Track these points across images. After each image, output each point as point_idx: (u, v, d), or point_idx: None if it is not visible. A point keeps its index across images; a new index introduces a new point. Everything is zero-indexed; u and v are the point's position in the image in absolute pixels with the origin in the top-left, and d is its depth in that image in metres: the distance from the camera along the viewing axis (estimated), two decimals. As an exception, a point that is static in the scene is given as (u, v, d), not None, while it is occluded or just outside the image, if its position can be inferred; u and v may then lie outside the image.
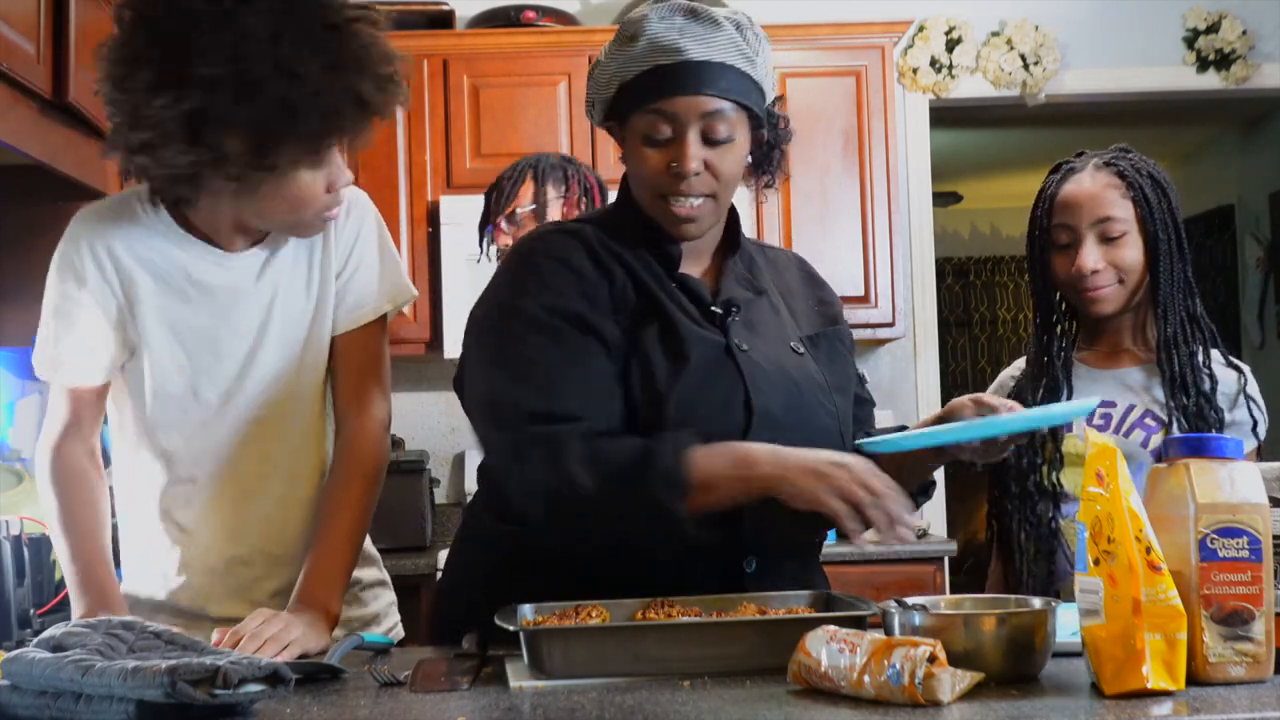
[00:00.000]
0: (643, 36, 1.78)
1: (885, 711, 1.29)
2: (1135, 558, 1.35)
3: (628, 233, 1.85)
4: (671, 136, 1.78)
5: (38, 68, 2.65)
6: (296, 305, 1.99)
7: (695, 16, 1.79)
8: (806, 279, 2.01)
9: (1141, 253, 2.10)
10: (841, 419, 1.86)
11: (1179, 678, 1.35)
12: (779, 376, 1.80)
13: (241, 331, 1.97)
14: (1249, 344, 6.41)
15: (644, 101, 1.78)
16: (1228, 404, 2.09)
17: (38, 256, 2.90)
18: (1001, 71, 4.72)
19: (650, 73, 1.78)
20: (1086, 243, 2.09)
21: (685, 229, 1.82)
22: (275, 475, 1.99)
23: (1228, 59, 4.77)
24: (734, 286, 1.86)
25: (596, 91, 1.85)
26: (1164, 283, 2.10)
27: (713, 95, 1.77)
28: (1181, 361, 2.08)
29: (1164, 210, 2.10)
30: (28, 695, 1.39)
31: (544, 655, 1.50)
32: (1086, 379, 2.14)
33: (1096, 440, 1.43)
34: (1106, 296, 2.10)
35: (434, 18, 4.42)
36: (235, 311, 1.97)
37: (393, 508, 4.03)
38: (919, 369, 4.77)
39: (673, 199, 1.79)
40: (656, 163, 1.79)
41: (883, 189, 4.38)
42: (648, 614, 1.62)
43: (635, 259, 1.83)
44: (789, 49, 4.37)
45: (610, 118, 1.86)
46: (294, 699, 1.43)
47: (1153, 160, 2.16)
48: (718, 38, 1.79)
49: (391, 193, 4.26)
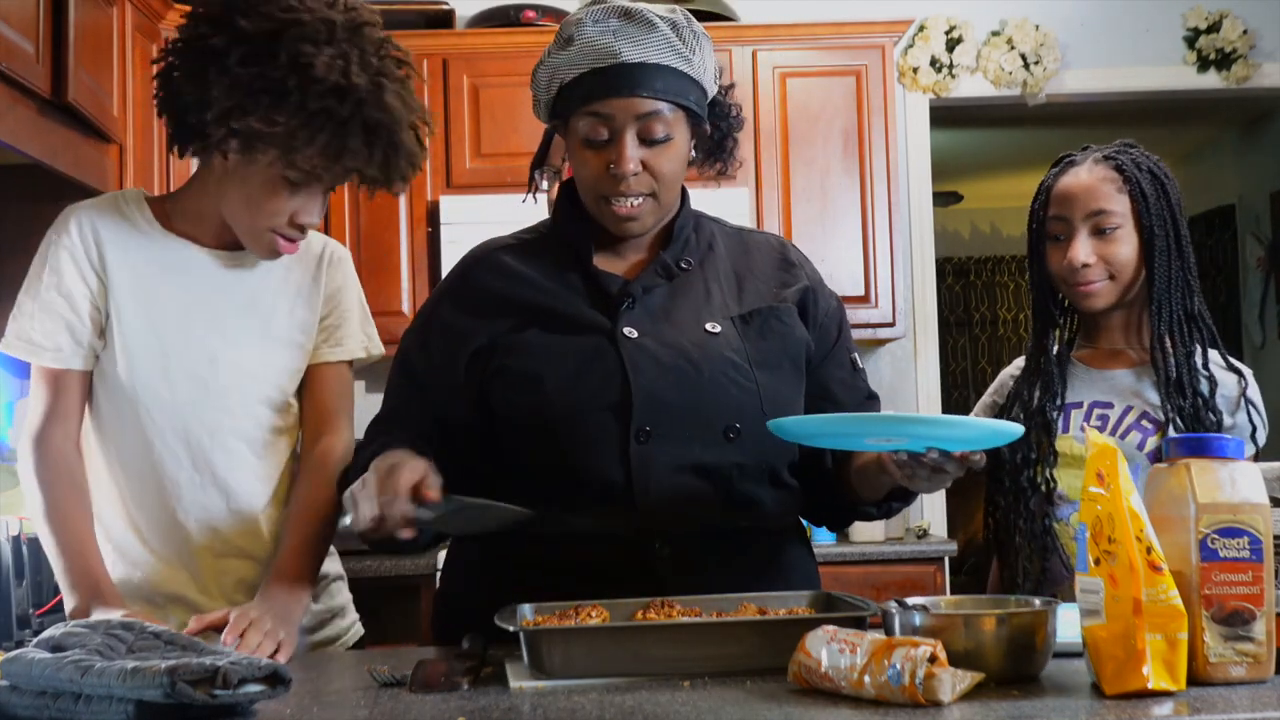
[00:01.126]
0: (578, 40, 1.82)
1: (885, 712, 1.29)
2: (1136, 558, 1.35)
3: (561, 233, 1.95)
4: (608, 138, 1.83)
5: (37, 68, 2.66)
6: (277, 319, 2.05)
7: (630, 18, 1.83)
8: (779, 262, 2.01)
9: (1136, 249, 2.08)
10: (764, 395, 1.85)
11: (1180, 678, 1.35)
12: (672, 358, 1.82)
13: (216, 326, 2.00)
14: (1250, 344, 6.41)
15: (580, 104, 1.83)
16: (1228, 408, 2.07)
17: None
18: (1002, 71, 4.72)
19: (586, 75, 1.82)
20: (1079, 236, 2.08)
21: (627, 227, 1.88)
22: (241, 473, 2.02)
23: (1228, 59, 4.77)
24: (647, 276, 1.90)
25: (539, 92, 1.90)
26: (1159, 280, 2.08)
27: (647, 96, 1.82)
28: (1177, 362, 2.07)
29: (1162, 206, 2.08)
30: (27, 695, 1.39)
31: (544, 655, 1.50)
32: (1084, 379, 2.13)
33: (1097, 440, 1.43)
34: (1097, 291, 2.09)
35: (434, 18, 4.42)
36: (210, 305, 2.01)
37: (393, 508, 4.03)
38: (919, 369, 4.77)
39: (613, 199, 1.85)
40: (596, 165, 1.84)
41: (883, 189, 4.38)
42: (648, 614, 1.62)
43: (541, 274, 1.90)
44: (789, 49, 4.37)
45: (554, 117, 1.91)
46: (294, 699, 1.43)
47: (1156, 156, 2.14)
48: (652, 38, 1.82)
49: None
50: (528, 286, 1.90)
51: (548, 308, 1.87)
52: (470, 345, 1.88)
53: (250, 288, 2.03)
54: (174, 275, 2.00)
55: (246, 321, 2.02)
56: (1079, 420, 2.09)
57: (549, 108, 1.90)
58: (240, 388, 2.01)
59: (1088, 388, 2.12)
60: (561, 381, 1.81)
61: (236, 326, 2.02)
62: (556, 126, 1.93)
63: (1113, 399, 2.09)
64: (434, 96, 4.27)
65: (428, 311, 1.98)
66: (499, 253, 1.97)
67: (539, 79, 1.89)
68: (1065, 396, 2.12)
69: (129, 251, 1.99)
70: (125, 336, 1.97)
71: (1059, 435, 2.10)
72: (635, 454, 1.79)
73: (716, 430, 1.82)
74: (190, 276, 2.01)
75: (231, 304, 2.02)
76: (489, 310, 1.89)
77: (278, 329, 2.05)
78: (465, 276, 1.97)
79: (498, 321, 1.88)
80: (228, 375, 2.00)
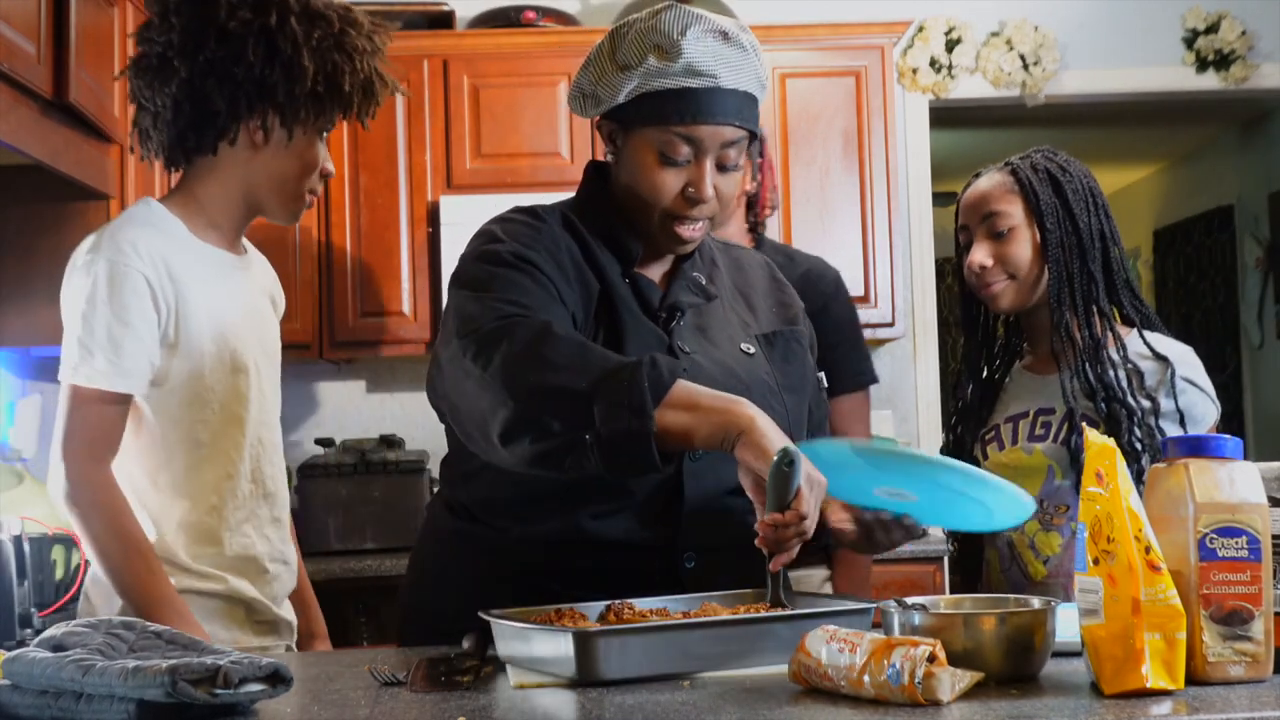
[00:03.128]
0: (683, 55, 1.75)
1: (885, 711, 1.30)
2: (1135, 557, 1.35)
3: (590, 224, 1.85)
4: (688, 159, 1.78)
5: (38, 68, 2.66)
6: (275, 324, 2.20)
7: (728, 40, 1.78)
8: (770, 280, 2.02)
9: (1033, 248, 2.10)
10: (792, 419, 1.86)
11: (1178, 677, 1.35)
12: (724, 378, 1.79)
13: (246, 320, 2.10)
14: (1248, 344, 6.40)
15: (666, 120, 1.77)
16: (1163, 395, 2.03)
17: (38, 257, 2.91)
18: (1001, 72, 4.72)
19: (679, 93, 1.76)
20: (977, 240, 2.13)
21: (682, 248, 1.85)
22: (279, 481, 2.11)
23: (1227, 59, 4.77)
24: (683, 291, 1.86)
25: (602, 88, 1.81)
26: (1054, 277, 2.09)
27: (736, 125, 1.78)
28: (1082, 357, 2.06)
29: (1054, 205, 2.09)
30: (29, 695, 1.39)
31: (548, 656, 1.50)
32: (1028, 386, 2.15)
33: (1096, 440, 1.43)
34: (998, 293, 2.12)
35: (434, 18, 4.42)
36: (251, 311, 2.12)
37: (393, 507, 4.04)
38: (919, 369, 4.77)
39: (683, 221, 1.80)
40: (672, 184, 1.79)
41: (883, 189, 4.38)
42: (609, 618, 1.60)
43: (597, 249, 1.83)
44: (789, 49, 4.37)
45: (612, 118, 1.83)
46: (294, 699, 1.43)
47: (1065, 155, 2.15)
48: (745, 65, 1.79)
49: (391, 193, 4.26)
50: (596, 270, 1.82)
51: (612, 303, 1.80)
52: (564, 295, 1.76)
53: (257, 289, 2.11)
54: (215, 284, 2.06)
55: (272, 326, 2.15)
56: (1025, 430, 2.09)
57: (611, 107, 1.81)
58: (275, 394, 2.08)
59: (1032, 395, 2.13)
60: None
61: (269, 333, 2.14)
62: (607, 126, 1.84)
63: (1054, 404, 2.09)
64: (434, 96, 4.27)
65: (526, 238, 1.79)
66: (571, 216, 1.85)
67: (610, 77, 1.80)
68: (995, 411, 2.15)
69: (189, 268, 2.03)
70: (199, 357, 2.01)
71: (1008, 448, 2.10)
72: (689, 470, 1.77)
73: None
74: (231, 283, 2.09)
75: (260, 309, 2.13)
76: (571, 275, 1.79)
77: (275, 332, 2.12)
78: (539, 226, 1.82)
79: (576, 290, 1.78)
80: (268, 383, 2.08)
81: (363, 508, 4.05)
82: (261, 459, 2.07)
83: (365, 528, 4.04)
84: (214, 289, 2.04)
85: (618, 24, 1.84)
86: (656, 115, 1.77)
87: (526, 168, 4.23)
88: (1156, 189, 7.98)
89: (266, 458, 2.09)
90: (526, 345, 1.60)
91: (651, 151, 1.79)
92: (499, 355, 1.60)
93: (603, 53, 1.82)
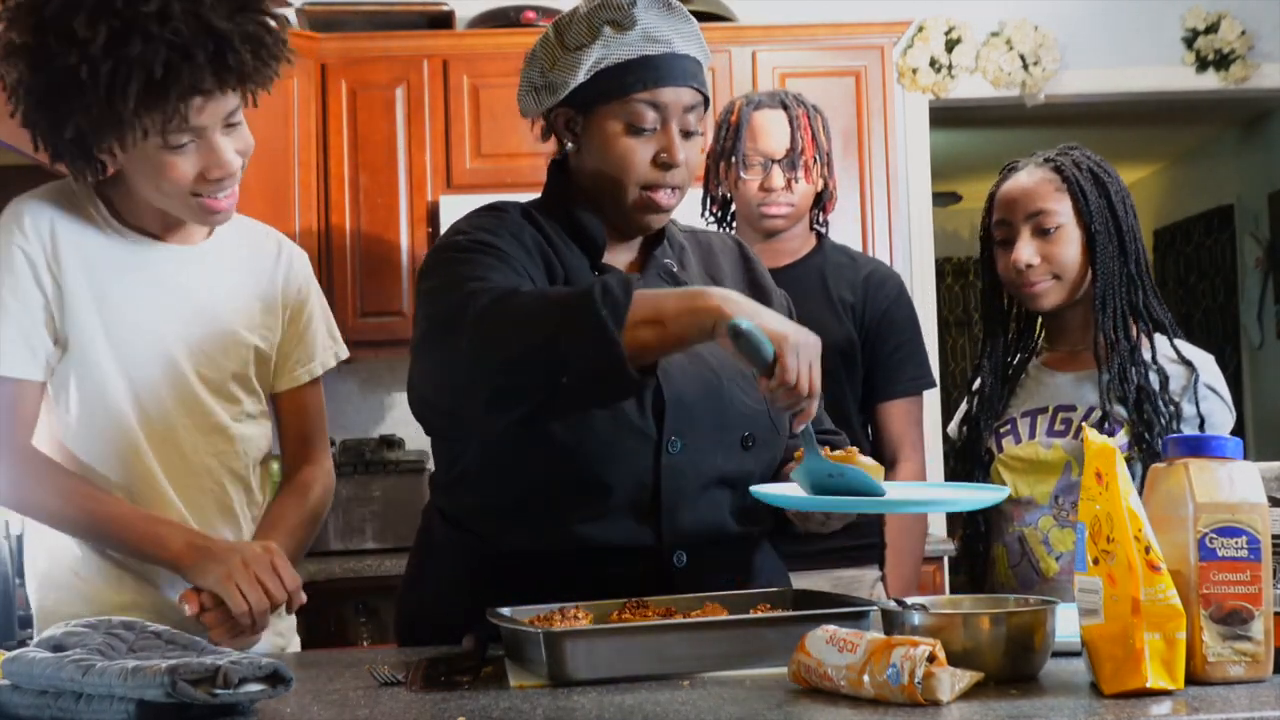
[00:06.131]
0: (635, 23, 1.78)
1: (885, 711, 1.30)
2: (1134, 557, 1.35)
3: (554, 219, 1.85)
4: (654, 126, 1.79)
5: (38, 68, 2.65)
6: (235, 315, 1.99)
7: (672, 10, 1.82)
8: (740, 261, 2.00)
9: (1080, 248, 2.10)
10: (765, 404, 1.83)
11: (1178, 677, 1.35)
12: (695, 365, 1.79)
13: (169, 317, 1.94)
14: (1248, 344, 6.41)
15: (629, 89, 1.78)
16: (1186, 400, 2.06)
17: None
18: (1001, 71, 4.72)
19: (640, 61, 1.78)
20: (1021, 237, 2.11)
21: (656, 219, 1.84)
22: (203, 475, 1.98)
23: (1227, 59, 4.77)
24: (654, 279, 1.86)
25: (557, 74, 1.81)
26: (1102, 277, 2.09)
27: (696, 89, 1.81)
28: (1122, 358, 2.07)
29: (1102, 205, 2.10)
30: (28, 695, 1.39)
31: (549, 656, 1.50)
32: (1048, 383, 2.15)
33: (1095, 440, 1.43)
34: (1042, 292, 2.11)
35: (434, 18, 4.42)
36: (167, 304, 1.94)
37: (392, 507, 4.05)
38: (918, 369, 4.76)
39: (658, 188, 1.81)
40: (643, 152, 1.79)
41: (882, 189, 4.38)
42: (622, 615, 1.61)
43: (561, 244, 1.83)
44: (788, 49, 4.37)
45: (569, 104, 1.82)
46: (294, 699, 1.43)
47: (1098, 156, 2.16)
48: (691, 32, 1.82)
49: (391, 193, 4.26)
50: (563, 264, 1.82)
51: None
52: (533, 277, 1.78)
53: (208, 283, 1.97)
54: (130, 274, 1.92)
55: (203, 319, 1.96)
56: (1044, 425, 2.10)
57: (565, 92, 1.80)
58: (199, 385, 1.95)
59: (1052, 391, 2.13)
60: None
61: (196, 326, 1.96)
62: (562, 114, 1.83)
63: (1076, 401, 2.09)
64: (434, 96, 4.28)
65: (487, 225, 1.81)
66: (532, 210, 1.87)
67: (562, 63, 1.80)
68: (1010, 405, 2.15)
69: (86, 250, 1.90)
70: (85, 346, 1.89)
71: (1024, 441, 2.11)
72: (666, 466, 1.76)
73: (735, 439, 1.81)
74: (146, 273, 1.94)
75: (190, 302, 1.96)
76: (536, 257, 1.80)
77: (233, 323, 1.99)
78: (500, 216, 1.84)
79: (540, 269, 1.79)
80: (190, 375, 1.94)
81: (362, 508, 4.05)
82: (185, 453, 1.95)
83: (365, 528, 4.05)
84: (128, 277, 1.92)
85: (557, 19, 1.85)
86: (618, 87, 1.79)
87: (526, 168, 4.22)
88: (1156, 189, 7.98)
89: (193, 452, 1.96)
90: (483, 313, 1.62)
91: (618, 124, 1.80)
92: (465, 334, 1.63)
93: (549, 43, 1.83)
